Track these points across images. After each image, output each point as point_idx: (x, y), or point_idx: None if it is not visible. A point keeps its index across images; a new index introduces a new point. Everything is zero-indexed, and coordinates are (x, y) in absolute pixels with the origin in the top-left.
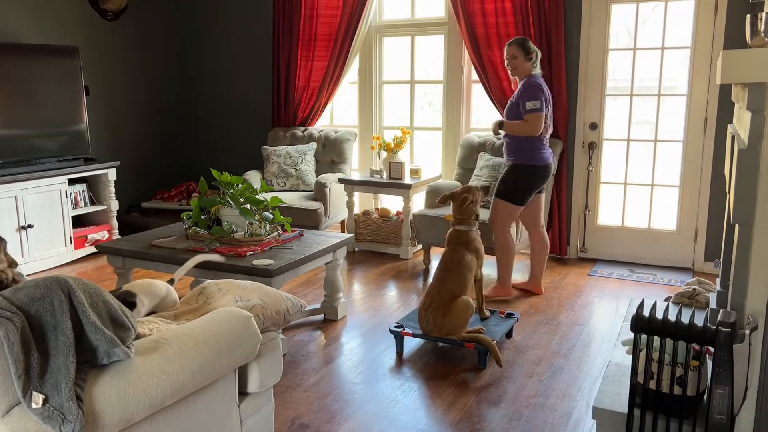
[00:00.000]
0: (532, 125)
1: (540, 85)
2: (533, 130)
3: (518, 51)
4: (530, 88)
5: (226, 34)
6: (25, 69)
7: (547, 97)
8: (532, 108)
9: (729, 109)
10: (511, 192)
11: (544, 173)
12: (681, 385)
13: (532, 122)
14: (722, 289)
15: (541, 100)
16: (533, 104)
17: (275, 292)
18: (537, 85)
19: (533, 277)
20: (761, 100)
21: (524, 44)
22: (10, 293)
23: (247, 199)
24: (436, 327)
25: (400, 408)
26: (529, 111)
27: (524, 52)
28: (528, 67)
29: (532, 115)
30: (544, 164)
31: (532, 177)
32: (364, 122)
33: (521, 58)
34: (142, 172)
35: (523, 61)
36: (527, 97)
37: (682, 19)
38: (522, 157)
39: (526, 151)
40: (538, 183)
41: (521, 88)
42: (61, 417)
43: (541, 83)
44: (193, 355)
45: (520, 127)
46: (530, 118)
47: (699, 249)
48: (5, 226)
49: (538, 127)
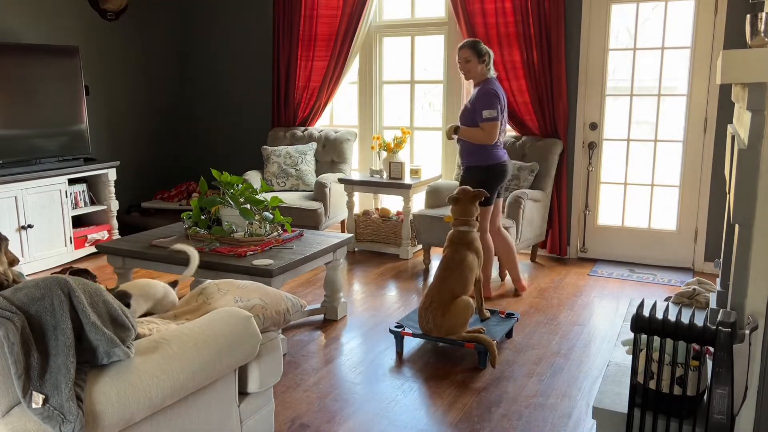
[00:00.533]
0: (487, 134)
1: (496, 92)
2: (489, 138)
3: (471, 54)
4: (486, 96)
5: (226, 34)
6: (25, 69)
7: (503, 103)
8: (488, 117)
9: (729, 109)
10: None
11: (501, 172)
12: (681, 385)
13: (488, 131)
14: (722, 289)
15: (497, 109)
16: (489, 113)
17: (275, 292)
18: (493, 93)
19: (512, 277)
20: (761, 100)
21: (476, 46)
22: (10, 293)
23: (247, 199)
24: (435, 327)
25: (400, 408)
26: (486, 120)
27: (477, 55)
28: (482, 70)
29: (488, 124)
30: (498, 162)
31: (490, 176)
32: (364, 122)
33: (474, 61)
34: (142, 172)
35: (476, 64)
36: (483, 105)
37: (682, 19)
38: (477, 159)
39: (480, 152)
40: (496, 181)
41: (477, 95)
42: (61, 417)
43: (497, 90)
44: (193, 355)
45: (475, 134)
46: (486, 126)
47: (699, 249)
48: (5, 226)
49: (494, 135)
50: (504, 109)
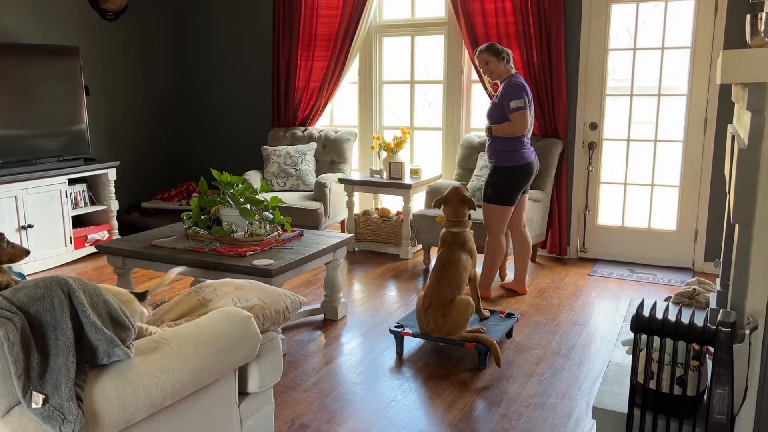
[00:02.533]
0: (518, 124)
1: (521, 84)
2: (520, 128)
3: (488, 55)
4: (512, 87)
5: (226, 34)
6: (25, 69)
7: (529, 96)
8: (516, 107)
9: (729, 109)
10: (499, 194)
11: (527, 172)
12: (681, 385)
13: (517, 121)
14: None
15: (524, 98)
16: (516, 103)
17: (273, 290)
18: (519, 84)
19: (517, 277)
20: (761, 100)
21: (492, 47)
22: (10, 293)
23: (247, 199)
24: (436, 327)
25: (400, 408)
26: (514, 110)
27: (495, 55)
28: (504, 69)
29: (516, 114)
30: (526, 163)
31: (516, 177)
32: (364, 122)
33: (494, 61)
34: (142, 172)
35: (497, 63)
36: (510, 96)
37: (682, 19)
38: (504, 159)
39: (507, 152)
40: (522, 182)
41: (503, 89)
42: (61, 417)
43: (522, 82)
44: (193, 355)
45: (507, 128)
46: (515, 117)
47: (699, 249)
48: (5, 226)
49: (525, 124)
50: (531, 102)
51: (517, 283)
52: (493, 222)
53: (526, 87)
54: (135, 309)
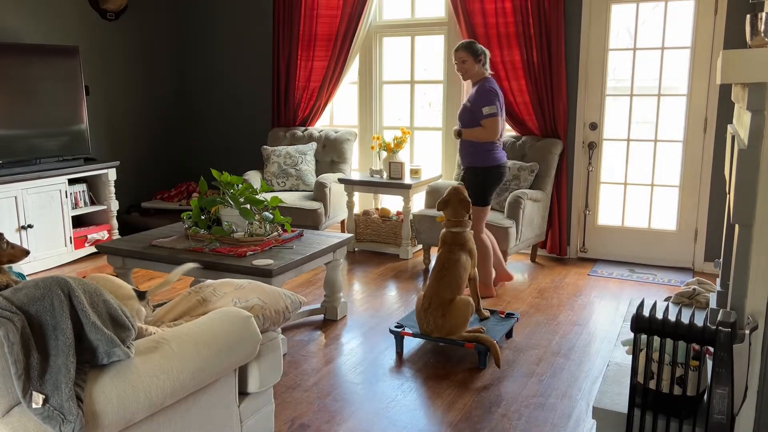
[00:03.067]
0: (490, 130)
1: (494, 89)
2: (491, 134)
3: (466, 54)
4: (485, 93)
5: (226, 34)
6: (25, 69)
7: (501, 101)
8: (488, 113)
9: (729, 109)
10: (476, 195)
11: (499, 173)
12: (681, 385)
13: (489, 127)
14: (722, 289)
15: (496, 105)
16: (489, 109)
17: (273, 290)
18: (491, 90)
19: (481, 280)
20: (761, 100)
21: (471, 47)
22: (10, 293)
23: (247, 199)
24: (436, 327)
25: (400, 408)
26: (486, 116)
27: (473, 55)
28: (479, 70)
29: (488, 120)
30: (498, 164)
31: (489, 178)
32: (364, 122)
33: (470, 61)
34: (142, 172)
35: (473, 63)
36: (483, 102)
37: (682, 19)
38: (477, 160)
39: (480, 153)
40: (495, 183)
41: (476, 93)
42: (61, 417)
43: (495, 87)
44: (193, 355)
45: (478, 133)
46: (487, 123)
47: (699, 249)
48: (5, 226)
49: (496, 131)
50: (503, 106)
51: (483, 286)
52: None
53: (498, 92)
54: (132, 306)
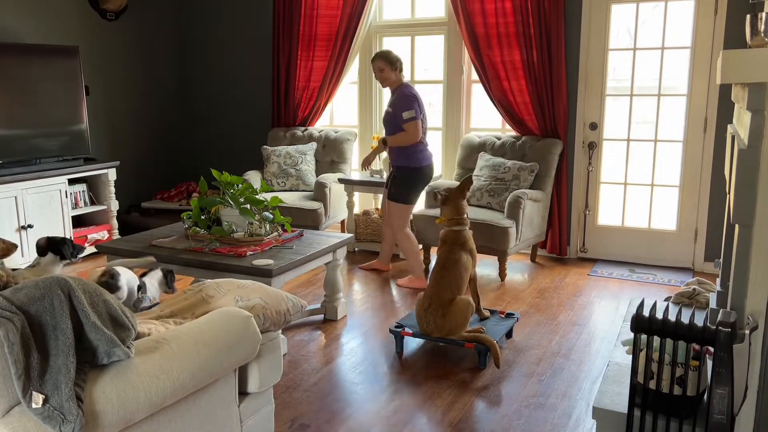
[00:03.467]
0: (411, 133)
1: (413, 94)
2: (413, 137)
3: (384, 63)
4: (404, 98)
5: (226, 34)
6: (25, 69)
7: (421, 105)
8: (408, 117)
9: (729, 109)
10: (401, 194)
11: (427, 173)
12: (681, 385)
13: (410, 131)
14: (722, 289)
15: (415, 109)
16: (409, 113)
17: (276, 292)
18: (410, 95)
19: (381, 257)
20: (761, 100)
21: (388, 56)
22: (10, 293)
23: (247, 199)
24: (437, 327)
25: (400, 408)
26: (406, 120)
27: (389, 64)
28: (396, 77)
29: (409, 124)
30: (426, 165)
31: (417, 177)
32: (364, 122)
33: (388, 69)
34: (142, 172)
35: (390, 72)
36: (402, 107)
37: (682, 19)
38: (405, 161)
39: (408, 154)
40: (422, 182)
41: (396, 99)
42: (61, 417)
43: (413, 92)
44: (193, 355)
45: (401, 138)
46: (408, 126)
47: (699, 249)
48: (5, 226)
49: (417, 134)
50: (422, 109)
51: (417, 279)
52: (396, 220)
53: (417, 96)
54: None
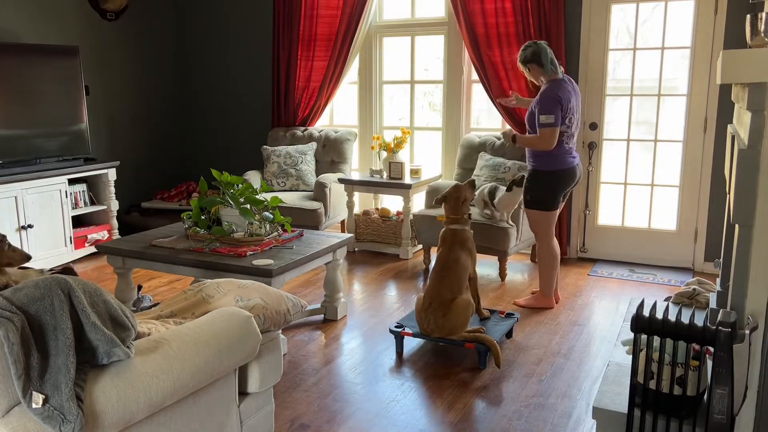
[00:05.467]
0: (544, 140)
1: (556, 95)
2: (546, 145)
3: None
4: (546, 100)
5: (225, 34)
6: (25, 69)
7: (566, 106)
8: (544, 122)
9: (729, 109)
10: (539, 199)
11: (567, 177)
12: (681, 385)
13: (544, 137)
14: (722, 289)
15: (556, 114)
16: (546, 119)
17: (276, 292)
18: (552, 97)
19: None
20: (761, 100)
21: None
22: (10, 293)
23: (247, 199)
24: (437, 327)
25: (400, 408)
26: (542, 125)
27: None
28: (543, 73)
29: (545, 130)
30: (566, 168)
31: (554, 182)
32: (364, 122)
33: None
34: (142, 172)
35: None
36: (540, 110)
37: (682, 19)
38: (543, 163)
39: (546, 156)
40: (561, 187)
41: (538, 97)
42: (61, 417)
43: (559, 92)
44: (193, 355)
45: (533, 141)
46: (543, 133)
47: (699, 249)
48: (5, 226)
49: (551, 142)
50: (569, 111)
51: (541, 295)
52: (538, 229)
53: (562, 98)
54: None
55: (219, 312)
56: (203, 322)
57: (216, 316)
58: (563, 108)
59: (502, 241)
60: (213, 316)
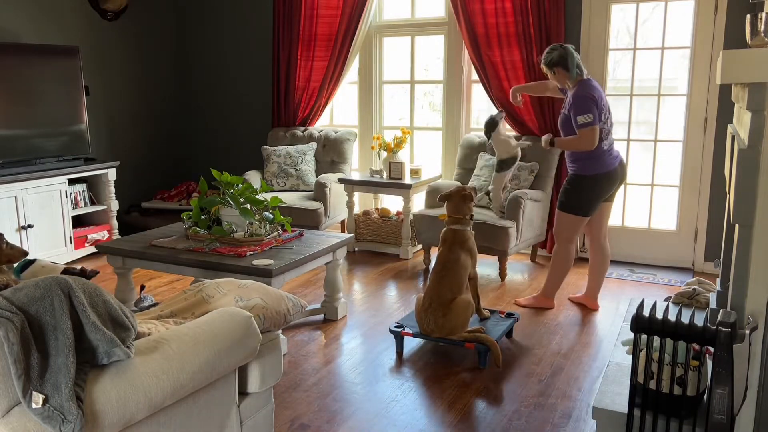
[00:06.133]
0: (586, 140)
1: (591, 94)
2: (588, 145)
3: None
4: (579, 100)
5: (225, 34)
6: (25, 69)
7: (600, 104)
8: (583, 122)
9: (729, 109)
10: (575, 204)
11: (608, 180)
12: (681, 385)
13: (585, 137)
14: (722, 289)
15: (593, 113)
16: (584, 118)
17: (276, 292)
18: (587, 96)
19: (589, 291)
20: (761, 100)
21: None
22: (10, 293)
23: (247, 199)
24: (437, 327)
25: (400, 408)
26: (581, 126)
27: (560, 65)
28: (569, 75)
29: (584, 130)
30: (607, 171)
31: (596, 186)
32: (364, 122)
33: (560, 72)
34: (142, 172)
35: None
36: (577, 110)
37: (682, 19)
38: (583, 167)
39: (586, 159)
40: (602, 192)
41: (571, 99)
42: (61, 417)
43: (591, 92)
44: (193, 355)
45: (573, 143)
46: (582, 133)
47: (699, 249)
48: (5, 226)
49: (592, 141)
50: (604, 108)
51: (587, 297)
52: (563, 232)
53: (596, 96)
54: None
55: (219, 312)
56: (203, 322)
57: (216, 316)
58: (598, 106)
59: (502, 241)
60: (213, 316)
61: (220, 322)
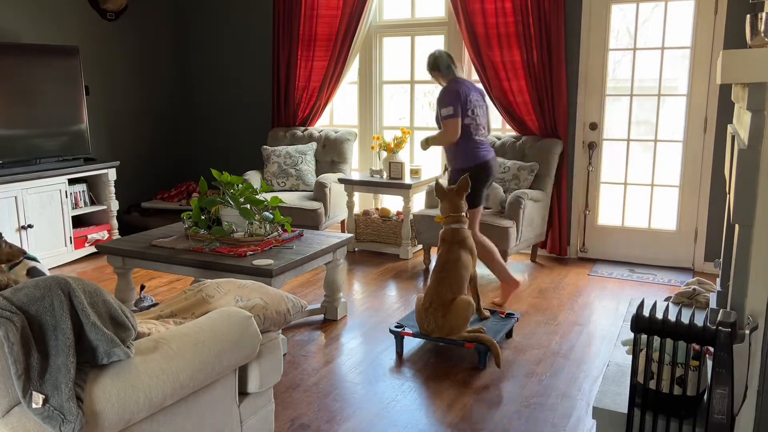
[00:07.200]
0: (448, 132)
1: (454, 89)
2: (451, 135)
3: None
4: (442, 94)
5: (225, 34)
6: (25, 69)
7: (464, 98)
8: (445, 115)
9: (729, 109)
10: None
11: (484, 171)
12: (681, 385)
13: (447, 128)
14: (722, 289)
15: (454, 106)
16: (446, 111)
17: (276, 292)
18: (449, 90)
19: (500, 279)
20: (761, 100)
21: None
22: (10, 293)
23: (247, 199)
24: (437, 327)
25: (400, 408)
26: (444, 118)
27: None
28: (444, 77)
29: (446, 122)
30: (482, 162)
31: (474, 177)
32: (364, 122)
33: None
34: (142, 172)
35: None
36: (440, 104)
37: (682, 19)
38: (460, 162)
39: (461, 154)
40: (482, 181)
41: (438, 95)
42: (61, 417)
43: (456, 87)
44: (193, 355)
45: (440, 137)
46: (445, 124)
47: (699, 249)
48: (5, 226)
49: (454, 132)
50: (470, 103)
51: (503, 286)
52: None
53: (459, 91)
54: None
55: (219, 312)
56: (203, 322)
57: (216, 316)
58: (462, 101)
59: (502, 241)
60: (213, 316)
61: (220, 322)
